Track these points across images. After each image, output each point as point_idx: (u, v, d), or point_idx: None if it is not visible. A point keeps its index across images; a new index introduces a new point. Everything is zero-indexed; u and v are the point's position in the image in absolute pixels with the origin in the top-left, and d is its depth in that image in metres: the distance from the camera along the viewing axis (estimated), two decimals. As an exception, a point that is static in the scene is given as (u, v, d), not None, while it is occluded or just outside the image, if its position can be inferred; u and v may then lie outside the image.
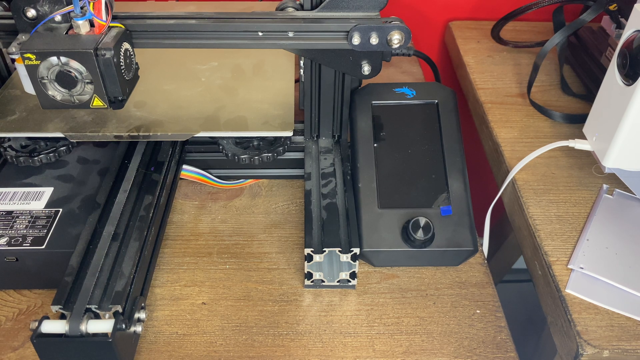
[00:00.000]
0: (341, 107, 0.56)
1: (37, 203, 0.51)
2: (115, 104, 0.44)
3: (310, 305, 0.49)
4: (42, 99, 0.43)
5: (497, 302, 0.50)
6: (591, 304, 0.47)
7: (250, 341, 0.46)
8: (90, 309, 0.41)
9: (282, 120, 0.56)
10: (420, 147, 0.54)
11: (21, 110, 0.57)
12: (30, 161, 0.54)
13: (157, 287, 0.50)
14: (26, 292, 0.50)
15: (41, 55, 0.41)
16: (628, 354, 0.44)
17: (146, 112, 0.57)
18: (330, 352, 0.46)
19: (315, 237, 0.48)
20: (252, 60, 0.65)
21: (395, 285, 0.51)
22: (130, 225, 0.49)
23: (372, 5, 0.47)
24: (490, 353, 0.46)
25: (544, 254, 0.51)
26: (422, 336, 0.47)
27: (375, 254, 0.50)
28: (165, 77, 0.62)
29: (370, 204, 0.51)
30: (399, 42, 0.46)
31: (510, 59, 0.79)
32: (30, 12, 0.43)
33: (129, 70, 0.44)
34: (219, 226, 0.56)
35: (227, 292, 0.50)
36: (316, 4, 0.48)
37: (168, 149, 0.57)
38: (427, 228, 0.49)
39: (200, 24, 0.46)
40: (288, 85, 0.61)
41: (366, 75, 0.50)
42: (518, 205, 0.57)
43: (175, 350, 0.45)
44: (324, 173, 0.55)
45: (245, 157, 0.55)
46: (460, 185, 0.52)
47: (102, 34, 0.42)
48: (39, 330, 0.39)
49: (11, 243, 0.47)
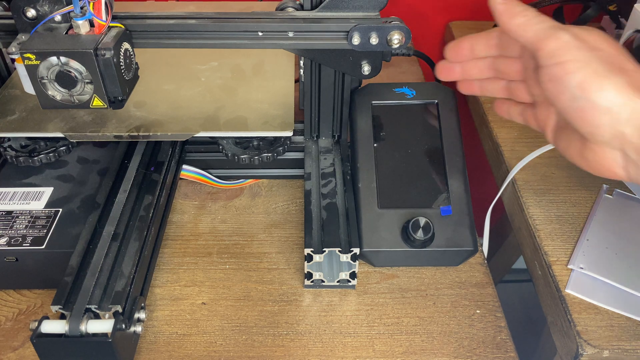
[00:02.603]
0: (341, 107, 0.56)
1: (37, 203, 0.51)
2: (115, 104, 0.44)
3: (310, 305, 0.49)
4: (42, 99, 0.43)
5: (497, 302, 0.50)
6: (591, 304, 0.47)
7: (250, 341, 0.46)
8: (90, 309, 0.41)
9: (282, 120, 0.56)
10: (420, 147, 0.54)
11: (21, 110, 0.56)
12: (30, 161, 0.54)
13: (157, 287, 0.50)
14: (26, 292, 0.50)
15: (41, 55, 0.41)
16: (628, 354, 0.44)
17: (146, 112, 0.57)
18: (330, 352, 0.46)
19: (315, 237, 0.48)
20: (252, 60, 0.65)
21: (395, 285, 0.51)
22: (130, 225, 0.49)
23: (372, 5, 0.47)
24: (490, 353, 0.46)
25: (544, 254, 0.51)
26: (422, 336, 0.47)
27: (375, 254, 0.50)
28: (165, 77, 0.62)
29: (370, 204, 0.51)
30: (399, 42, 0.46)
31: (510, 59, 0.79)
32: (30, 12, 0.43)
33: (129, 70, 0.44)
34: (218, 226, 0.56)
35: (227, 292, 0.50)
36: (316, 4, 0.48)
37: (168, 149, 0.57)
38: (427, 228, 0.49)
39: (200, 24, 0.46)
40: (288, 85, 0.61)
41: (366, 75, 0.50)
42: (518, 205, 0.57)
43: (175, 350, 0.45)
44: (323, 173, 0.55)
45: (245, 157, 0.55)
46: (460, 185, 0.52)
47: (102, 34, 0.42)
48: (39, 330, 0.39)
49: (11, 243, 0.47)
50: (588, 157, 0.41)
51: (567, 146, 0.43)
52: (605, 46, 0.39)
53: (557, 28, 0.39)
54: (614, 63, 0.38)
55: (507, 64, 0.47)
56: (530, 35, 0.40)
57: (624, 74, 0.37)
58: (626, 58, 0.38)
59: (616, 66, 0.37)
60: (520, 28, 0.41)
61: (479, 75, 0.49)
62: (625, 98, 0.36)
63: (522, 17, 0.40)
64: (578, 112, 0.38)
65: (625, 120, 0.36)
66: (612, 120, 0.37)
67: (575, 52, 0.38)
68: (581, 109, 0.38)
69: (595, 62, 0.37)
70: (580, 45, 0.38)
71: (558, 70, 0.38)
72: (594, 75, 0.37)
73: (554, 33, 0.39)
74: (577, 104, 0.38)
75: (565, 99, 0.39)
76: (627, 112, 0.36)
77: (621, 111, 0.36)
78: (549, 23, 0.40)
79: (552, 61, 0.39)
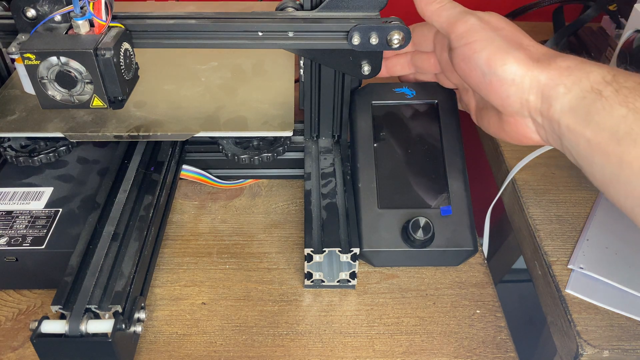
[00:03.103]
0: (341, 107, 0.56)
1: (37, 203, 0.51)
2: (115, 104, 0.44)
3: (310, 305, 0.49)
4: (41, 99, 0.43)
5: (497, 302, 0.50)
6: (591, 304, 0.47)
7: (250, 341, 0.46)
8: (90, 309, 0.41)
9: (282, 120, 0.56)
10: (420, 147, 0.54)
11: (21, 110, 0.57)
12: (30, 161, 0.54)
13: (157, 287, 0.50)
14: (26, 292, 0.50)
15: (41, 55, 0.41)
16: (628, 354, 0.44)
17: (146, 112, 0.57)
18: (330, 352, 0.46)
19: (315, 237, 0.48)
20: (252, 60, 0.65)
21: (395, 285, 0.51)
22: (130, 225, 0.49)
23: (372, 5, 0.47)
24: (490, 353, 0.46)
25: (544, 254, 0.51)
26: (422, 336, 0.47)
27: (375, 254, 0.50)
28: (165, 77, 0.62)
29: (370, 204, 0.51)
30: (399, 42, 0.46)
31: (510, 59, 0.79)
32: (30, 12, 0.43)
33: (129, 70, 0.44)
34: (218, 226, 0.56)
35: (227, 292, 0.50)
36: (316, 4, 0.48)
37: (168, 149, 0.57)
38: (427, 228, 0.49)
39: (200, 24, 0.46)
40: (288, 85, 0.61)
41: (366, 75, 0.50)
42: (518, 205, 0.57)
43: (175, 350, 0.45)
44: (323, 173, 0.55)
45: (245, 157, 0.55)
46: (460, 185, 0.52)
47: (102, 34, 0.42)
48: (39, 330, 0.39)
49: (11, 243, 0.47)
50: (506, 128, 0.45)
51: (488, 123, 0.48)
52: (505, 25, 0.44)
53: (465, 12, 0.44)
54: (513, 40, 0.42)
55: (423, 59, 0.53)
56: (443, 20, 0.45)
57: (523, 49, 0.41)
58: (523, 35, 0.43)
59: (516, 42, 0.42)
60: (435, 14, 0.45)
61: (402, 71, 0.56)
62: (525, 69, 0.40)
63: (436, 4, 0.45)
64: (489, 87, 0.42)
65: (528, 89, 0.40)
66: (518, 90, 0.41)
67: (481, 33, 0.42)
68: (490, 83, 0.42)
69: (498, 39, 0.42)
70: (484, 27, 0.43)
71: (467, 50, 0.43)
72: (498, 51, 0.41)
73: (463, 17, 0.44)
74: (487, 78, 0.42)
75: (476, 76, 0.43)
76: (528, 81, 0.40)
77: (524, 81, 0.40)
78: (459, 9, 0.45)
79: (462, 42, 0.43)
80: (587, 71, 0.38)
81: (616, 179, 0.35)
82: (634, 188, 0.34)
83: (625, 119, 0.34)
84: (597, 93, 0.36)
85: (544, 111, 0.40)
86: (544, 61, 0.40)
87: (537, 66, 0.40)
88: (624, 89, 0.35)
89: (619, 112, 0.34)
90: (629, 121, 0.34)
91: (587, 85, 0.37)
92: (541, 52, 0.41)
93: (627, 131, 0.34)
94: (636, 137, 0.33)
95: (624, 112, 0.34)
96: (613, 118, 0.35)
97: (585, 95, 0.37)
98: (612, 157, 0.35)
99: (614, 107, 0.35)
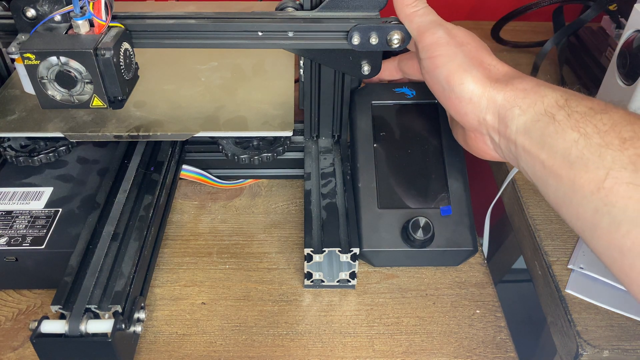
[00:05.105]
0: (341, 107, 0.56)
1: (37, 203, 0.51)
2: (115, 103, 0.44)
3: (310, 305, 0.49)
4: (41, 98, 0.43)
5: (497, 302, 0.50)
6: (591, 304, 0.47)
7: (250, 341, 0.46)
8: (89, 309, 0.41)
9: (281, 120, 0.56)
10: (420, 147, 0.54)
11: (21, 110, 0.57)
12: (30, 161, 0.54)
13: (157, 287, 0.50)
14: (26, 292, 0.50)
15: (41, 55, 0.41)
16: (628, 354, 0.44)
17: (146, 112, 0.57)
18: (330, 352, 0.46)
19: (315, 237, 0.48)
20: (252, 60, 0.65)
21: (395, 285, 0.51)
22: (130, 225, 0.49)
23: (372, 5, 0.47)
24: (490, 353, 0.46)
25: (544, 254, 0.51)
26: (422, 336, 0.47)
27: (375, 254, 0.50)
28: (165, 77, 0.62)
29: (370, 204, 0.51)
30: (399, 42, 0.46)
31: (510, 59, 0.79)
32: (30, 12, 0.43)
33: (129, 70, 0.44)
34: (218, 226, 0.56)
35: (227, 292, 0.50)
36: (316, 4, 0.48)
37: (168, 149, 0.57)
38: (427, 228, 0.49)
39: (200, 24, 0.46)
40: (288, 85, 0.61)
41: (366, 75, 0.50)
42: (518, 205, 0.57)
43: (175, 350, 0.45)
44: (323, 173, 0.55)
45: (245, 157, 0.55)
46: (460, 185, 0.52)
47: (101, 33, 0.42)
48: (39, 330, 0.39)
49: (11, 243, 0.47)
50: (469, 142, 0.45)
51: (457, 134, 0.48)
52: (470, 41, 0.43)
53: (435, 23, 0.43)
54: (476, 57, 0.42)
55: (409, 65, 0.53)
56: (414, 26, 0.44)
57: (483, 67, 0.41)
58: (487, 52, 0.43)
59: (477, 60, 0.42)
60: (408, 18, 0.45)
61: (390, 76, 0.56)
62: (482, 89, 0.40)
63: (411, 8, 0.44)
64: (448, 102, 0.42)
65: (485, 108, 0.40)
66: (475, 108, 0.41)
67: (445, 48, 0.42)
68: (449, 98, 0.42)
69: (460, 56, 0.42)
70: (450, 41, 0.42)
71: (430, 63, 0.43)
72: (458, 69, 0.41)
73: (431, 28, 0.43)
74: (446, 94, 0.42)
75: (437, 90, 0.43)
76: (485, 102, 0.40)
77: (481, 101, 0.40)
78: (430, 17, 0.44)
79: (427, 55, 0.43)
80: (542, 94, 0.38)
81: (569, 201, 0.35)
82: (584, 210, 0.34)
83: (577, 144, 0.34)
84: (551, 117, 0.36)
85: (501, 131, 0.40)
86: (502, 81, 0.40)
87: (494, 86, 0.40)
88: (576, 114, 0.35)
89: (570, 136, 0.35)
90: (580, 146, 0.34)
91: (541, 109, 0.37)
92: (501, 72, 0.41)
93: (579, 155, 0.34)
94: (587, 162, 0.34)
95: (575, 136, 0.35)
96: (565, 142, 0.35)
97: (539, 118, 0.37)
98: (564, 180, 0.35)
99: (566, 132, 0.35)
